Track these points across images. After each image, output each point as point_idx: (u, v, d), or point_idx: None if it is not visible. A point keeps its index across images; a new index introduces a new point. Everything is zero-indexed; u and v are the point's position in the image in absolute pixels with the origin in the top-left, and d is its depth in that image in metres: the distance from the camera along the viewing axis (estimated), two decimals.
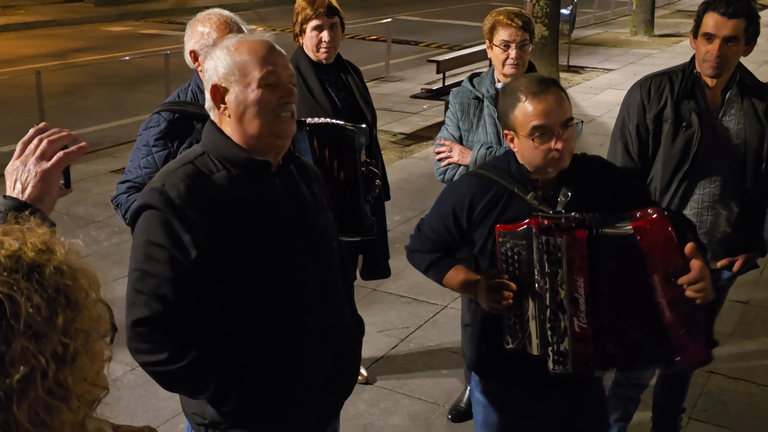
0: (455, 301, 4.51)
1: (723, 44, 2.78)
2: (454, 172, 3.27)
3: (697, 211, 2.96)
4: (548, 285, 2.08)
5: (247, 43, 1.88)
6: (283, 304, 1.91)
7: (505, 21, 3.17)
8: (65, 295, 0.96)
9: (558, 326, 2.09)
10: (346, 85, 3.51)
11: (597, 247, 2.07)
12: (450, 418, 3.64)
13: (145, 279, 1.81)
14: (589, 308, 2.07)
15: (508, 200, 2.19)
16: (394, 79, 11.15)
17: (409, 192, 6.64)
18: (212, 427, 1.94)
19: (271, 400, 1.92)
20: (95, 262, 4.09)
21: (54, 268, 0.96)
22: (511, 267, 2.11)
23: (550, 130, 2.09)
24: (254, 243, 1.86)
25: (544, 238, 2.05)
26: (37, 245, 0.98)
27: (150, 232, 1.82)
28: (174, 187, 1.82)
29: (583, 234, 2.05)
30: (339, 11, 3.42)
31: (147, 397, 3.56)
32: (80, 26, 16.97)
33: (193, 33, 2.73)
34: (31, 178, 1.54)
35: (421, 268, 2.42)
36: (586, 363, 2.10)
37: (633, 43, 15.76)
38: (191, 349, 1.82)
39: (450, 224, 2.29)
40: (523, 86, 2.14)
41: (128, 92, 10.42)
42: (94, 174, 7.11)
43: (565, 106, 2.13)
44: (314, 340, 1.96)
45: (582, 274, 2.05)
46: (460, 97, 3.32)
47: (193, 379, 1.85)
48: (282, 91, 1.86)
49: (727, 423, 3.61)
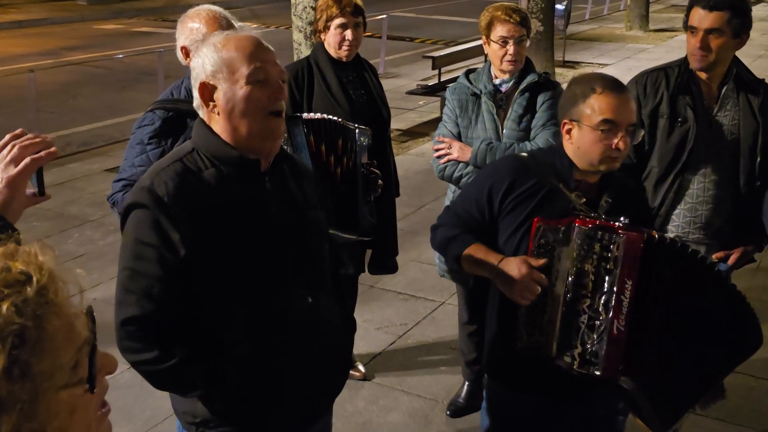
0: (453, 298, 4.50)
1: (705, 36, 2.81)
2: (453, 169, 3.26)
3: (692, 206, 2.97)
4: (594, 281, 2.02)
5: (234, 39, 1.86)
6: (271, 302, 1.89)
7: (503, 17, 3.16)
8: (19, 335, 0.86)
9: (596, 325, 2.02)
10: (363, 83, 3.53)
11: (652, 253, 2.03)
12: (449, 413, 3.63)
13: (135, 278, 1.80)
14: (630, 313, 2.01)
15: (547, 194, 2.17)
16: (390, 76, 11.14)
17: (405, 188, 6.58)
18: (202, 425, 1.93)
19: (260, 398, 1.91)
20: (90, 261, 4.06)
21: (14, 305, 0.87)
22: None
23: (617, 127, 2.10)
24: (242, 241, 1.85)
25: (601, 233, 2.01)
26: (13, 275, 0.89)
27: (139, 231, 1.81)
28: (162, 185, 1.80)
29: (641, 237, 2.02)
30: (363, 11, 3.44)
31: (144, 396, 3.54)
32: (73, 24, 16.91)
33: (184, 29, 2.73)
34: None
35: (442, 242, 2.33)
36: (616, 368, 2.03)
37: (628, 38, 15.77)
38: (180, 348, 1.82)
39: (483, 203, 2.24)
40: (600, 79, 2.16)
41: (121, 91, 10.39)
42: (88, 173, 7.09)
43: (635, 111, 2.17)
44: (303, 337, 1.94)
45: (632, 276, 2.01)
46: (458, 94, 3.31)
47: (182, 377, 1.84)
48: (272, 88, 1.85)
49: (725, 416, 3.61)
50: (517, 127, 3.20)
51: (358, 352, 4.01)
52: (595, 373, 2.02)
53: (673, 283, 2.07)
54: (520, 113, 3.21)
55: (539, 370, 2.13)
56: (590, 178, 2.19)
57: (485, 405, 2.41)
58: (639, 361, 2.05)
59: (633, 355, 2.04)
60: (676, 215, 3.00)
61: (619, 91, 2.14)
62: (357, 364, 3.90)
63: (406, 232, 5.30)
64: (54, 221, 5.95)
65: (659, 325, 2.07)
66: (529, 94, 3.22)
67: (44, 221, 5.90)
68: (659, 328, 2.07)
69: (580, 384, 2.14)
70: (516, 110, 3.22)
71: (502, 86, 3.25)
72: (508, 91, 3.25)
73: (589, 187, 2.19)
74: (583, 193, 2.17)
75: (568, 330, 2.04)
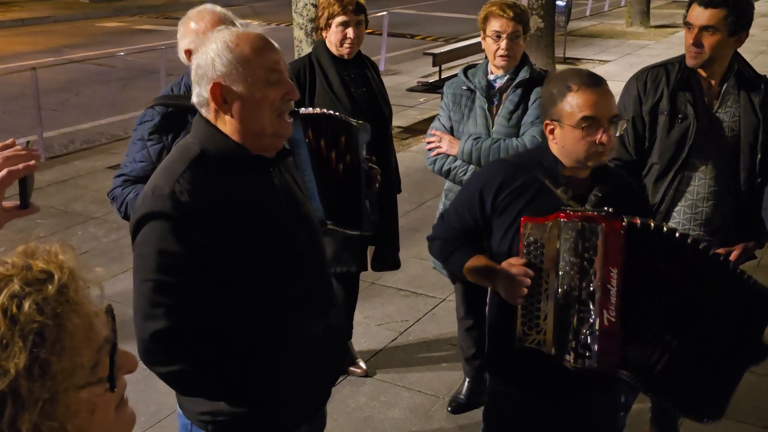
0: (453, 294, 4.50)
1: (699, 33, 2.82)
2: (443, 162, 3.28)
3: (693, 203, 2.97)
4: (579, 273, 2.01)
5: (246, 38, 1.83)
6: (290, 298, 1.90)
7: (497, 12, 3.16)
8: (39, 333, 0.87)
9: (586, 318, 2.00)
10: (365, 80, 3.54)
11: (637, 241, 2.01)
12: (450, 410, 3.65)
13: (162, 289, 1.75)
14: (619, 303, 1.99)
15: (536, 192, 2.17)
16: (390, 73, 11.14)
17: (407, 185, 6.57)
18: (220, 425, 1.93)
19: (277, 396, 1.92)
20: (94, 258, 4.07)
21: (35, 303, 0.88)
22: (534, 260, 2.07)
23: (598, 122, 2.09)
24: (262, 239, 1.85)
25: (582, 223, 2.00)
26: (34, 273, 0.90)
27: (163, 241, 1.75)
28: (185, 192, 1.76)
29: (620, 224, 2.00)
30: (365, 9, 3.45)
31: (148, 392, 3.56)
32: (75, 22, 16.92)
33: (187, 31, 2.72)
34: None
35: (441, 257, 2.38)
36: (612, 361, 2.01)
37: (629, 34, 15.74)
38: (209, 357, 1.81)
39: (475, 206, 2.25)
40: (575, 76, 2.14)
41: (124, 88, 10.40)
42: (91, 170, 7.11)
43: (614, 102, 2.15)
44: (316, 334, 1.96)
45: (616, 265, 1.99)
46: (453, 88, 3.34)
47: (213, 385, 1.85)
48: (285, 87, 1.84)
49: (726, 412, 3.62)
50: (507, 123, 3.21)
51: (359, 349, 4.02)
52: (593, 365, 2.00)
53: (669, 273, 2.05)
54: (510, 109, 3.21)
55: (538, 368, 2.13)
56: (580, 174, 2.18)
57: (487, 401, 2.42)
58: (639, 354, 2.04)
59: (632, 348, 2.02)
60: (676, 212, 3.00)
61: (595, 86, 2.12)
62: (358, 361, 3.91)
63: (407, 229, 5.31)
64: (57, 218, 5.97)
65: (660, 318, 2.05)
66: (521, 90, 3.22)
67: (48, 218, 5.92)
68: (660, 321, 2.05)
69: (580, 381, 2.14)
70: (507, 106, 3.22)
71: (496, 82, 3.26)
72: (502, 87, 3.25)
73: (580, 182, 2.19)
74: (574, 188, 2.17)
75: (562, 326, 2.03)
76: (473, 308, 3.56)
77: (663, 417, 3.38)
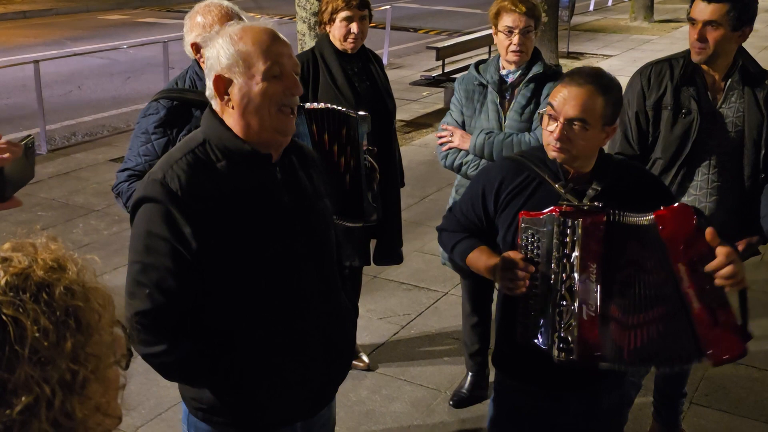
0: (456, 288, 4.51)
1: (702, 28, 2.81)
2: (454, 157, 3.28)
3: (696, 198, 2.96)
4: (562, 267, 2.03)
5: (250, 31, 1.84)
6: (282, 293, 1.90)
7: (510, 6, 3.15)
8: (75, 317, 0.89)
9: (566, 312, 2.03)
10: (369, 74, 3.53)
11: (614, 234, 2.02)
12: (451, 404, 3.65)
13: (146, 271, 1.80)
14: (600, 296, 2.01)
15: (536, 187, 2.18)
16: (393, 67, 11.13)
17: (409, 179, 6.56)
18: (209, 412, 1.95)
19: (268, 390, 1.93)
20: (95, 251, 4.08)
21: (64, 288, 0.89)
22: (530, 254, 2.08)
23: (556, 114, 2.08)
24: (253, 233, 1.85)
25: (562, 219, 2.02)
26: (48, 263, 0.91)
27: (151, 224, 1.80)
28: (175, 179, 1.80)
29: (601, 219, 2.01)
30: (369, 4, 3.44)
31: (149, 384, 3.57)
32: (77, 15, 16.90)
33: (194, 25, 2.71)
34: None
35: (447, 246, 2.40)
36: (592, 353, 2.02)
37: (632, 29, 15.71)
38: (189, 341, 1.83)
39: (478, 205, 2.27)
40: (575, 72, 2.15)
41: (126, 81, 10.39)
42: (93, 163, 7.11)
43: (585, 107, 2.06)
44: (313, 327, 1.96)
45: (595, 259, 2.01)
46: (465, 83, 3.32)
47: (191, 369, 1.87)
48: (287, 82, 1.84)
49: (728, 407, 3.63)
50: (519, 118, 3.20)
51: (361, 343, 4.02)
52: (571, 358, 2.01)
53: (651, 264, 2.02)
54: (522, 104, 3.21)
55: (539, 362, 2.13)
56: (581, 168, 2.17)
57: (494, 394, 2.42)
58: (619, 345, 2.02)
59: (610, 339, 2.01)
60: None
61: (570, 83, 2.09)
62: (360, 354, 3.92)
63: (409, 223, 5.31)
64: (59, 211, 5.97)
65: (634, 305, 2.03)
66: (534, 85, 3.21)
67: (49, 210, 5.93)
68: (635, 307, 2.03)
69: (583, 375, 2.15)
70: (519, 101, 3.22)
71: (508, 77, 3.25)
72: (514, 82, 3.25)
73: (582, 177, 2.18)
74: (576, 183, 2.16)
75: (549, 320, 2.05)
76: (479, 305, 3.56)
77: (665, 411, 3.38)
